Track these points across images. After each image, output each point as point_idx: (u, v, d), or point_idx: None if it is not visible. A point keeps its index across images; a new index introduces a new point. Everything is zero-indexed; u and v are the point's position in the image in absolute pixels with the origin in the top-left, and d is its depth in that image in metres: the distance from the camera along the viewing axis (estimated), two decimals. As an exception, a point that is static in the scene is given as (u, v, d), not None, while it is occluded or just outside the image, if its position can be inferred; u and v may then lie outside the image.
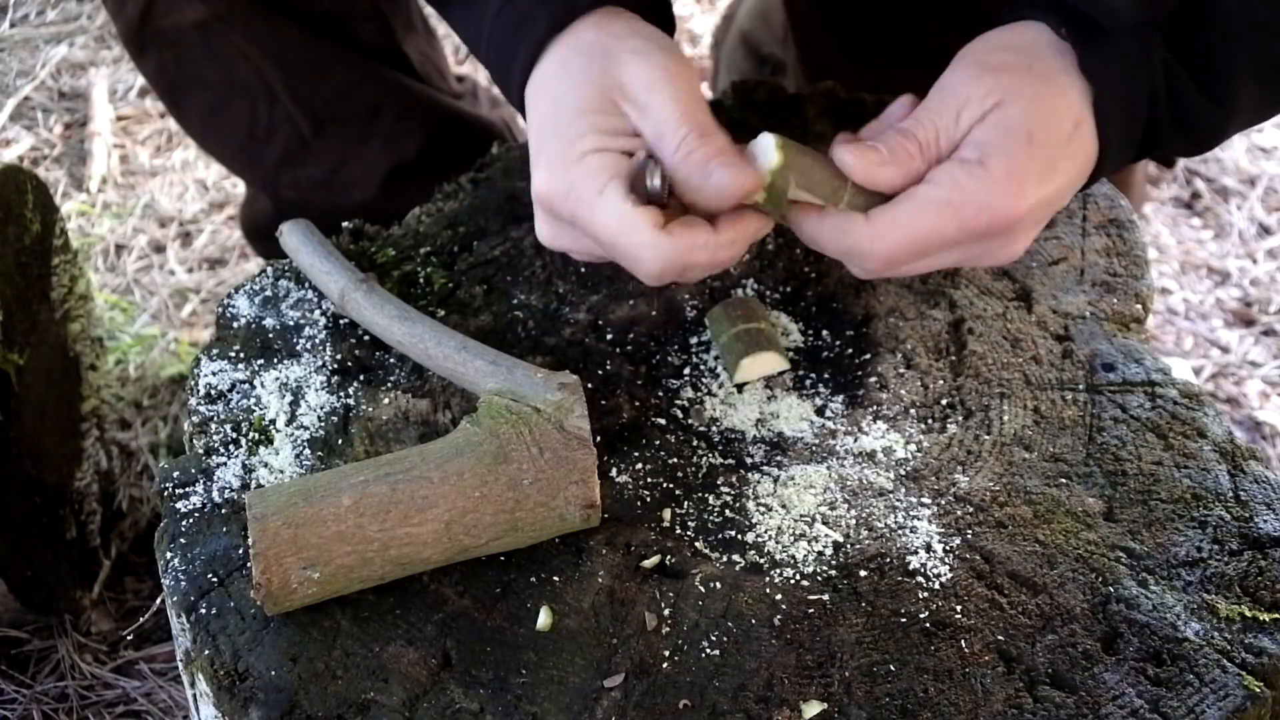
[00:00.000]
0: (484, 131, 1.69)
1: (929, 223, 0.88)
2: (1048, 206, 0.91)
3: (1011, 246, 0.91)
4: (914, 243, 0.89)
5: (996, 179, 0.87)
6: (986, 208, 0.87)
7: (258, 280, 1.09)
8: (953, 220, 0.87)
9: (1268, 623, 0.83)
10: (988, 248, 0.90)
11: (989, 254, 0.91)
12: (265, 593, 0.80)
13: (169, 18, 1.47)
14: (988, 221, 0.88)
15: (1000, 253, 0.91)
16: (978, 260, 0.92)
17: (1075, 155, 0.90)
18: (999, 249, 0.91)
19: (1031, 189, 0.88)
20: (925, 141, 0.90)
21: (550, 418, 0.85)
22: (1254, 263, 2.06)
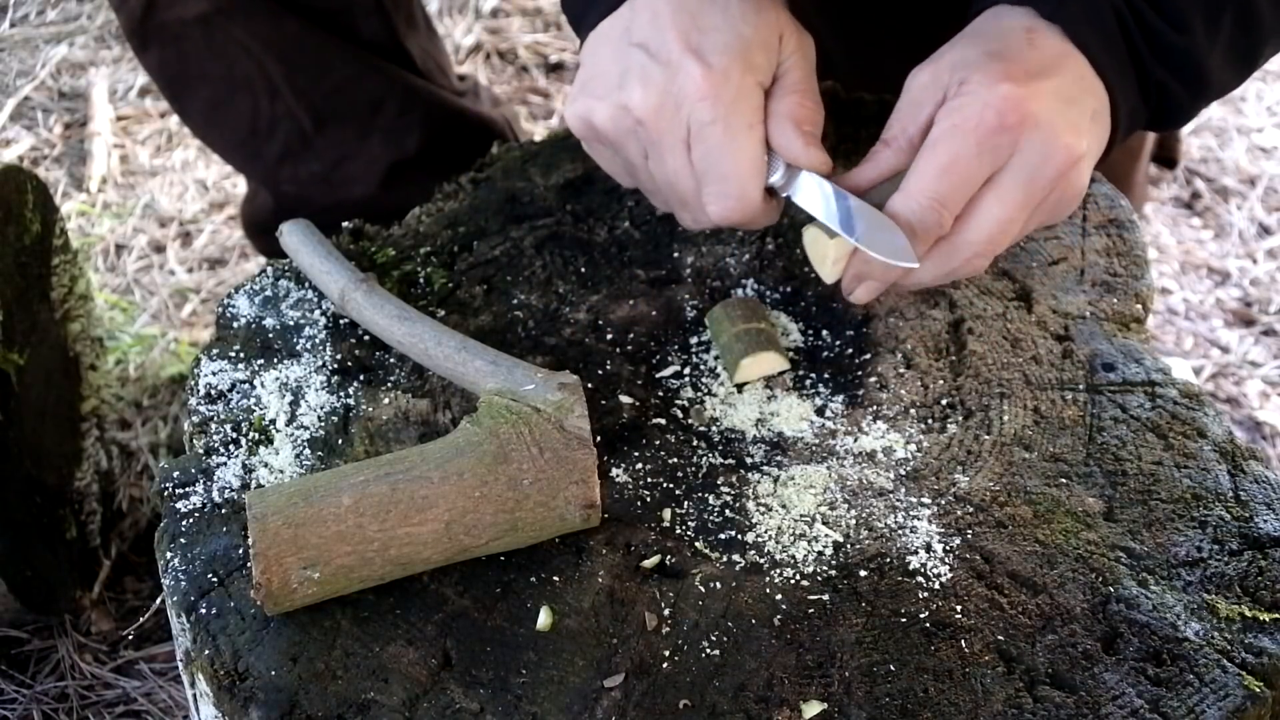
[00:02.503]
0: (485, 129, 1.69)
1: (945, 148, 0.90)
2: (1056, 96, 0.90)
3: (1058, 139, 0.90)
4: (946, 171, 0.90)
5: (982, 83, 0.90)
6: (987, 103, 0.89)
7: (258, 280, 1.09)
8: (966, 133, 0.89)
9: (1268, 623, 0.83)
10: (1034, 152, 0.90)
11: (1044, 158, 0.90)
12: (265, 593, 0.80)
13: (171, 12, 1.47)
14: (995, 114, 0.89)
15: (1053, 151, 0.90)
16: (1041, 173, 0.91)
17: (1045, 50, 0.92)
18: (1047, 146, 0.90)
19: (1020, 76, 0.90)
20: (888, 138, 0.95)
21: (550, 418, 0.85)
22: (1254, 263, 2.06)
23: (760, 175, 0.94)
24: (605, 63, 0.95)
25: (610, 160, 1.01)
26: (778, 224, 1.14)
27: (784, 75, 0.95)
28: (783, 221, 1.15)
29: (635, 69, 0.93)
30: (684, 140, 0.93)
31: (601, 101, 0.95)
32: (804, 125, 0.94)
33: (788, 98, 0.94)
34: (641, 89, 0.92)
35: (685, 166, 0.94)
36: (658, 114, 0.92)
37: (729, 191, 0.93)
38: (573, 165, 1.20)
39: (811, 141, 0.94)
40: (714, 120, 0.91)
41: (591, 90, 0.96)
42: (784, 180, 0.95)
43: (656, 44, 0.92)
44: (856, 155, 1.06)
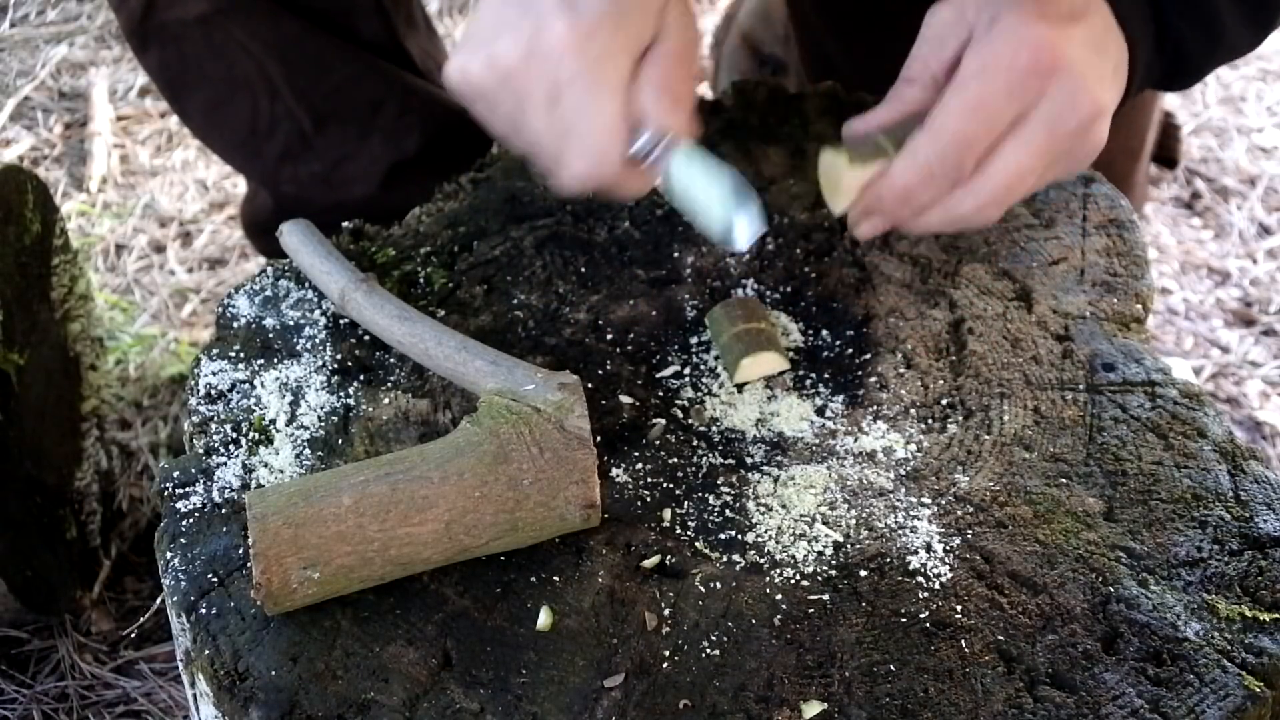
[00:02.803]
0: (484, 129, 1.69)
1: (974, 87, 0.87)
2: (1085, 43, 0.89)
3: (1085, 89, 0.88)
4: (973, 111, 0.87)
5: (1015, 22, 0.87)
6: (1021, 43, 0.86)
7: (258, 280, 1.09)
8: (996, 73, 0.87)
9: (1268, 623, 0.83)
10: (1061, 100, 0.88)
11: (1070, 106, 0.88)
12: (265, 593, 0.80)
13: (171, 12, 1.47)
14: (1029, 57, 0.86)
15: (1080, 100, 0.88)
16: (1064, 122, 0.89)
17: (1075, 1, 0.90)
18: (1074, 95, 0.88)
19: (1053, 17, 0.87)
20: (911, 76, 0.93)
21: (550, 418, 0.85)
22: (1254, 263, 2.06)
23: (619, 136, 0.90)
24: (486, 19, 0.93)
25: (491, 118, 0.97)
26: (778, 224, 1.14)
27: (659, 42, 0.91)
28: (783, 221, 1.15)
29: (509, 21, 0.90)
30: (547, 95, 0.89)
31: (474, 55, 0.92)
32: (670, 89, 0.91)
33: (658, 63, 0.91)
34: (510, 39, 0.89)
35: (547, 124, 0.91)
36: (524, 65, 0.89)
37: (586, 151, 0.90)
38: (573, 165, 1.20)
39: (678, 104, 0.91)
40: (576, 76, 0.88)
41: (467, 45, 0.93)
42: (649, 147, 0.91)
43: None
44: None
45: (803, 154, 1.22)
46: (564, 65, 0.88)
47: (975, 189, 0.91)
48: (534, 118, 0.91)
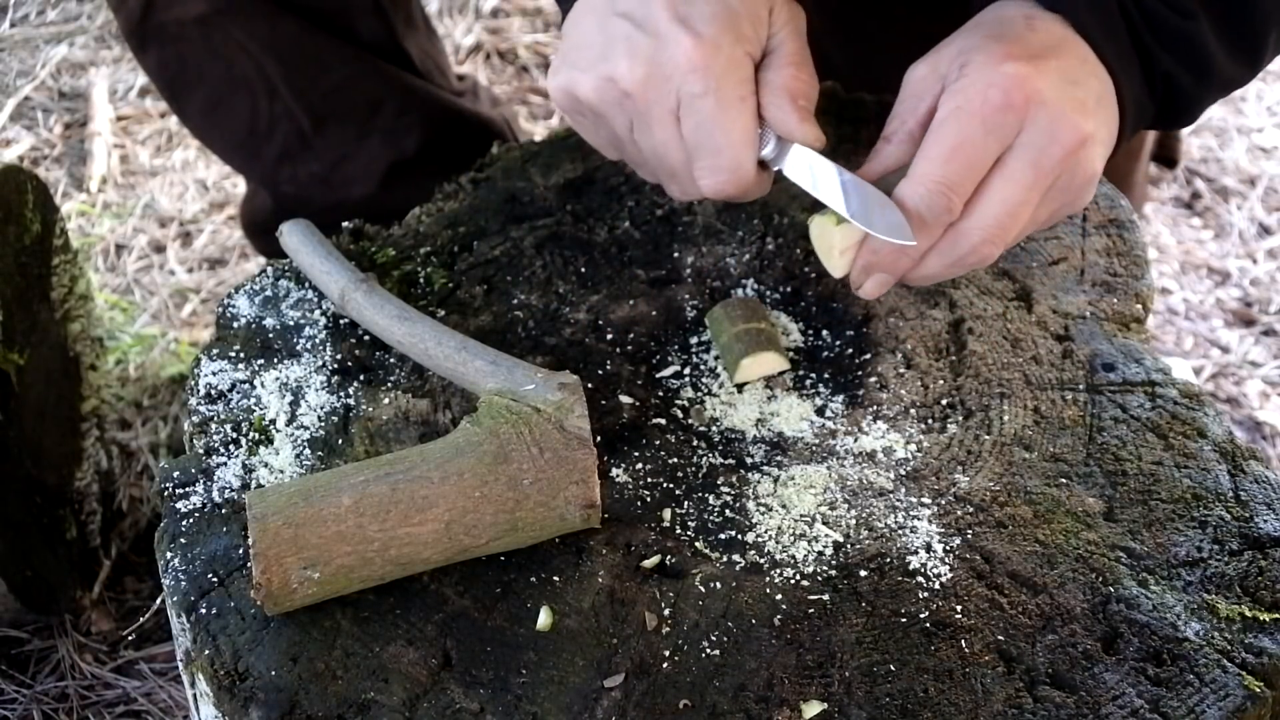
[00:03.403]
0: (484, 129, 1.69)
1: (952, 129, 0.88)
2: (1058, 77, 0.89)
3: (1064, 118, 0.89)
4: (954, 152, 0.88)
5: (984, 64, 0.88)
6: (990, 83, 0.87)
7: (258, 280, 1.09)
8: (972, 114, 0.88)
9: (1268, 623, 0.83)
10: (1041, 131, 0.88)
11: (1051, 138, 0.89)
12: (265, 593, 0.80)
13: (170, 13, 1.47)
14: (1000, 93, 0.87)
15: (1060, 130, 0.89)
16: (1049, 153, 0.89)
17: (1045, 35, 0.91)
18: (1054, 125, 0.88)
19: (1022, 55, 0.88)
20: (888, 134, 0.94)
21: (550, 418, 0.85)
22: (1254, 263, 2.06)
23: (753, 147, 0.92)
24: (589, 33, 0.93)
25: (594, 132, 0.99)
26: (778, 224, 1.14)
27: (776, 48, 0.93)
28: (783, 221, 1.15)
29: (620, 39, 0.91)
30: (673, 112, 0.91)
31: (586, 73, 0.93)
32: (798, 98, 0.92)
33: (782, 70, 0.92)
34: (628, 60, 0.90)
35: (675, 139, 0.92)
36: (646, 85, 0.90)
37: (722, 164, 0.92)
38: (573, 165, 1.20)
39: (805, 115, 0.92)
40: (705, 92, 0.89)
41: (575, 62, 0.94)
42: (776, 153, 0.93)
43: (642, 13, 0.90)
44: (856, 155, 1.06)
45: (803, 154, 1.22)
46: (690, 82, 0.89)
47: (967, 230, 0.91)
48: (659, 133, 0.92)
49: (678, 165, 0.94)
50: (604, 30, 0.92)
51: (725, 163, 0.91)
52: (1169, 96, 0.97)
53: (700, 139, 0.91)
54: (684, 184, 0.95)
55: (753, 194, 0.95)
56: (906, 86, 0.94)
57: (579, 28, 0.94)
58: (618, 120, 0.94)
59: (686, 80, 0.89)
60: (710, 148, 0.91)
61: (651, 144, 0.94)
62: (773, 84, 0.92)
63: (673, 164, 0.94)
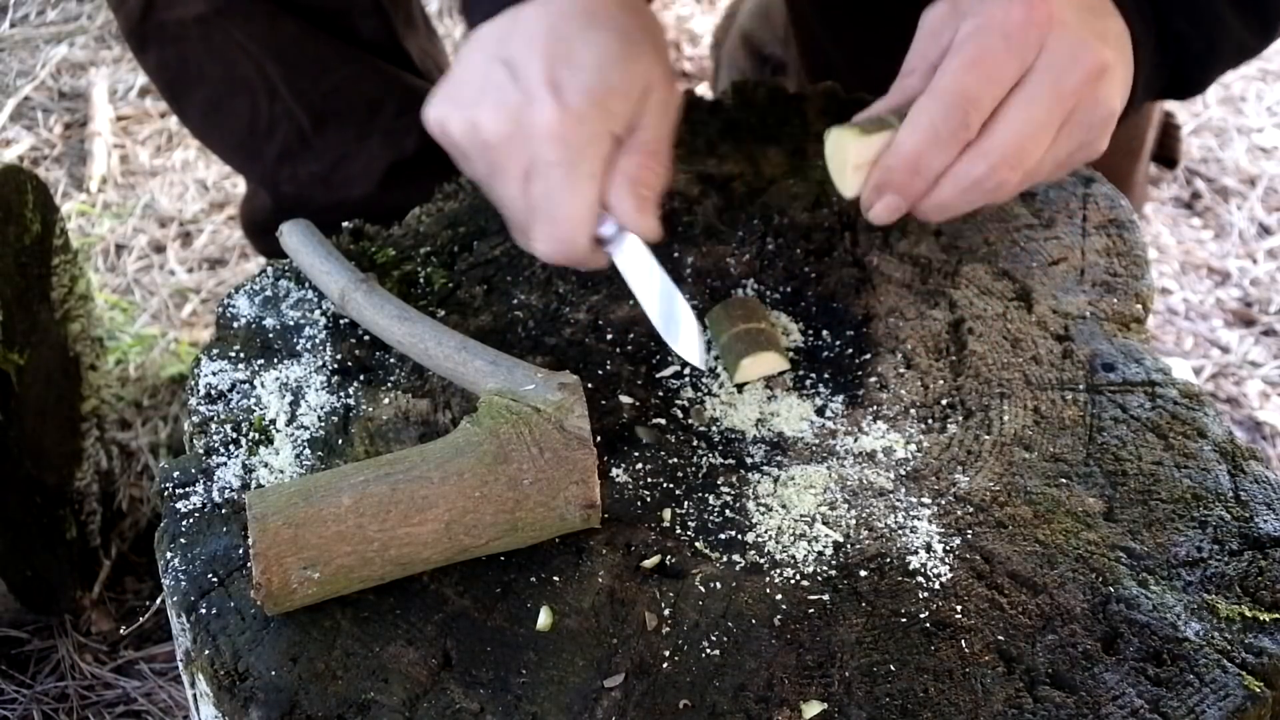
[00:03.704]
0: None
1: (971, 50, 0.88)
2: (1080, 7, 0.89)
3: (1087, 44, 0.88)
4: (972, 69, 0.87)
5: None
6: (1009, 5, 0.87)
7: (258, 280, 1.09)
8: (992, 31, 0.87)
9: (1268, 623, 0.83)
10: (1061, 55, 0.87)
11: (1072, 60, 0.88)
12: (265, 593, 0.80)
13: (170, 12, 1.47)
14: (1023, 10, 0.86)
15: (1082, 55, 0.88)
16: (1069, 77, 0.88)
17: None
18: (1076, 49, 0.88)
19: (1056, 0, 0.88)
20: (910, 68, 0.94)
21: (550, 418, 0.85)
22: (1254, 263, 2.06)
23: (589, 225, 0.94)
24: (472, 70, 0.95)
25: (462, 165, 1.01)
26: (778, 224, 1.14)
27: (638, 131, 0.93)
28: (782, 221, 1.15)
29: (494, 88, 0.92)
30: (525, 171, 0.92)
31: (456, 112, 0.95)
32: (641, 188, 0.93)
33: (633, 156, 0.93)
34: (494, 111, 0.92)
35: (521, 198, 0.94)
36: (506, 141, 0.92)
37: (555, 234, 0.94)
38: (573, 165, 1.20)
39: (645, 206, 0.93)
40: (557, 163, 0.91)
41: (451, 96, 0.96)
42: (613, 235, 0.95)
43: (522, 67, 0.91)
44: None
45: (803, 154, 1.22)
46: (545, 150, 0.91)
47: (985, 149, 0.90)
48: (509, 189, 0.95)
49: (519, 222, 0.96)
50: (484, 73, 0.94)
51: (559, 233, 0.93)
52: (1181, 60, 0.96)
53: (542, 205, 0.93)
54: (523, 240, 0.98)
55: (588, 265, 0.98)
56: (925, 25, 0.93)
57: (465, 62, 0.96)
58: (478, 164, 0.96)
59: (543, 146, 0.90)
60: (549, 216, 0.93)
61: (500, 196, 0.96)
62: (621, 168, 0.93)
63: (515, 220, 0.97)
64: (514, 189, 0.94)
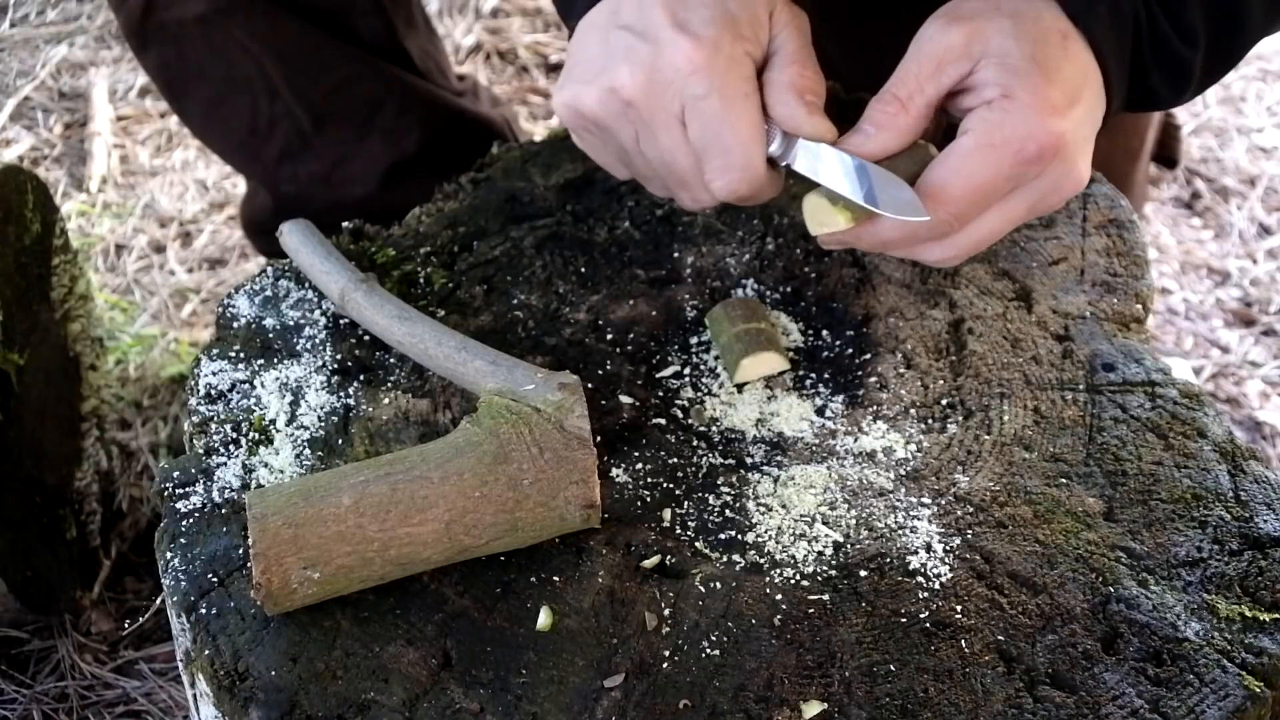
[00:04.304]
0: (484, 129, 1.70)
1: (980, 168, 0.88)
2: (1084, 123, 0.90)
3: (1074, 171, 0.90)
4: (974, 192, 0.89)
5: (1027, 104, 0.87)
6: (1030, 134, 0.87)
7: (258, 280, 1.09)
8: (1004, 158, 0.88)
9: (1268, 623, 0.83)
10: (1051, 180, 0.90)
11: (1056, 188, 0.91)
12: (265, 593, 0.80)
13: (170, 12, 1.47)
14: (1037, 147, 0.87)
15: (1066, 182, 0.91)
16: (1048, 200, 0.91)
17: (1077, 64, 0.91)
18: (1063, 178, 0.90)
19: (1062, 103, 0.88)
20: (905, 96, 0.91)
21: (550, 418, 0.85)
22: (1254, 263, 2.06)
23: (762, 143, 0.91)
24: (592, 48, 0.93)
25: (601, 149, 0.99)
26: (778, 224, 1.14)
27: (779, 48, 0.93)
28: (782, 221, 1.15)
29: (621, 50, 0.91)
30: (678, 116, 0.90)
31: (588, 86, 0.92)
32: (804, 93, 0.92)
33: (786, 68, 0.92)
34: (629, 68, 0.90)
35: (682, 143, 0.91)
36: (647, 92, 0.90)
37: (732, 163, 0.91)
38: (573, 165, 1.20)
39: (813, 109, 0.92)
40: (708, 92, 0.89)
41: (578, 76, 0.94)
42: (783, 149, 0.92)
43: (642, 24, 0.90)
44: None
45: (803, 154, 1.22)
46: (692, 84, 0.89)
47: (947, 245, 0.93)
48: (665, 140, 0.92)
49: (687, 171, 0.93)
50: (605, 44, 0.92)
51: (735, 160, 0.91)
52: (1141, 102, 0.98)
53: (707, 140, 0.90)
54: (695, 190, 0.95)
55: (765, 193, 0.94)
56: (928, 43, 0.92)
57: (583, 44, 0.94)
58: (623, 132, 0.94)
59: (688, 82, 0.89)
60: (718, 147, 0.90)
61: (658, 152, 0.93)
62: (777, 81, 0.91)
63: (682, 170, 0.93)
64: (671, 138, 0.91)
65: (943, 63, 0.90)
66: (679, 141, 0.91)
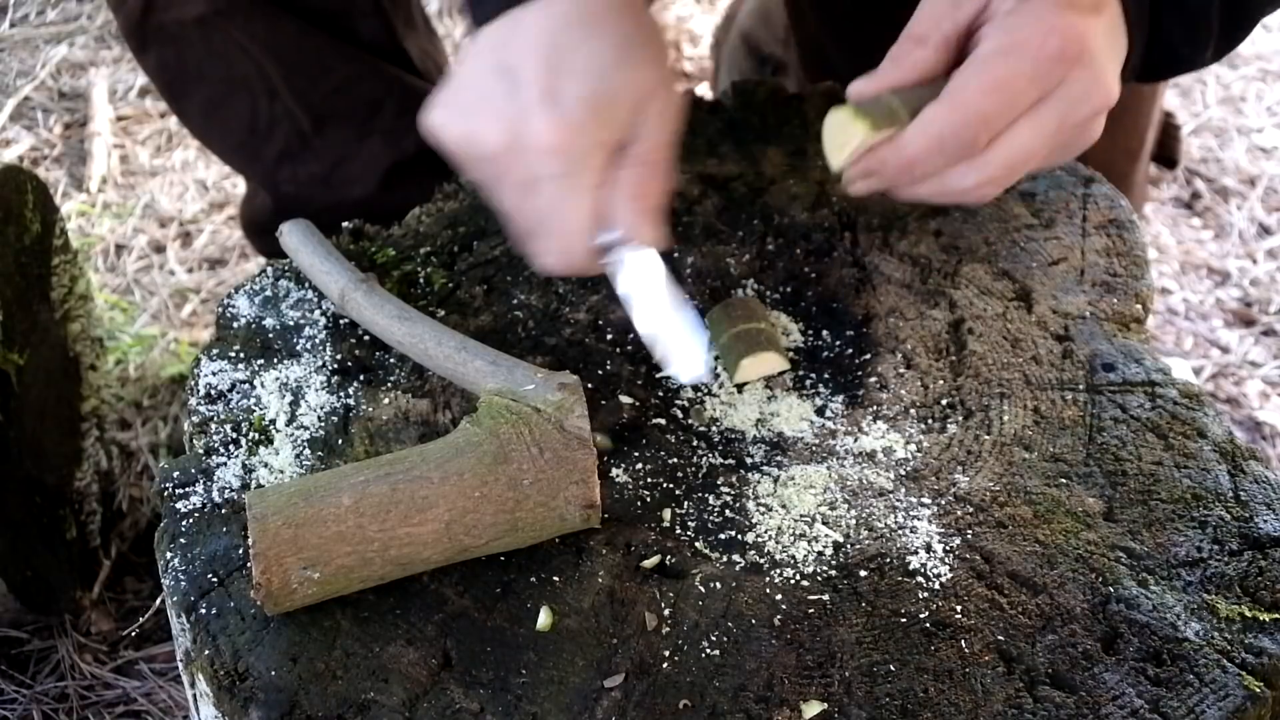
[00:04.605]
0: None
1: (1000, 66, 0.86)
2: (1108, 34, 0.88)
3: (1103, 78, 0.88)
4: (997, 91, 0.86)
5: (1046, 6, 0.86)
6: (1052, 29, 0.85)
7: (258, 280, 1.09)
8: (1025, 55, 0.86)
9: (1268, 623, 0.83)
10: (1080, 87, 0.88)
11: (1085, 96, 0.88)
12: (265, 593, 0.80)
13: (169, 13, 1.47)
14: (1059, 42, 0.86)
15: (1095, 90, 0.88)
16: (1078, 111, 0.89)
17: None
18: (1091, 84, 0.88)
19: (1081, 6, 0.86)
20: (920, 34, 0.90)
21: (550, 418, 0.85)
22: (1254, 263, 2.06)
23: (587, 237, 0.92)
24: (471, 77, 0.94)
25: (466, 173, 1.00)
26: (778, 224, 1.14)
27: (637, 140, 0.92)
28: (783, 221, 1.15)
29: (492, 97, 0.91)
30: (524, 184, 0.92)
31: (455, 121, 0.94)
32: (640, 200, 0.92)
33: (632, 168, 0.92)
34: (492, 123, 0.91)
35: (520, 210, 0.94)
36: (504, 153, 0.91)
37: (555, 248, 0.93)
38: (573, 165, 1.20)
39: (644, 217, 0.92)
40: (554, 176, 0.90)
41: (449, 103, 0.95)
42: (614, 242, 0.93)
43: (520, 76, 0.90)
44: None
45: (803, 154, 1.22)
46: (542, 163, 0.90)
47: (980, 165, 0.90)
48: (508, 199, 0.94)
49: (521, 234, 0.96)
50: (482, 81, 0.93)
51: (559, 245, 0.93)
52: (1163, 66, 0.97)
53: (541, 218, 0.92)
54: (524, 250, 0.97)
55: (590, 274, 0.97)
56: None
57: (465, 67, 0.95)
58: (479, 173, 0.96)
59: (540, 160, 0.90)
60: (547, 229, 0.93)
61: (503, 204, 0.95)
62: (620, 180, 0.92)
63: (519, 229, 0.96)
64: (514, 201, 0.94)
65: (960, 3, 0.89)
66: (518, 206, 0.94)
